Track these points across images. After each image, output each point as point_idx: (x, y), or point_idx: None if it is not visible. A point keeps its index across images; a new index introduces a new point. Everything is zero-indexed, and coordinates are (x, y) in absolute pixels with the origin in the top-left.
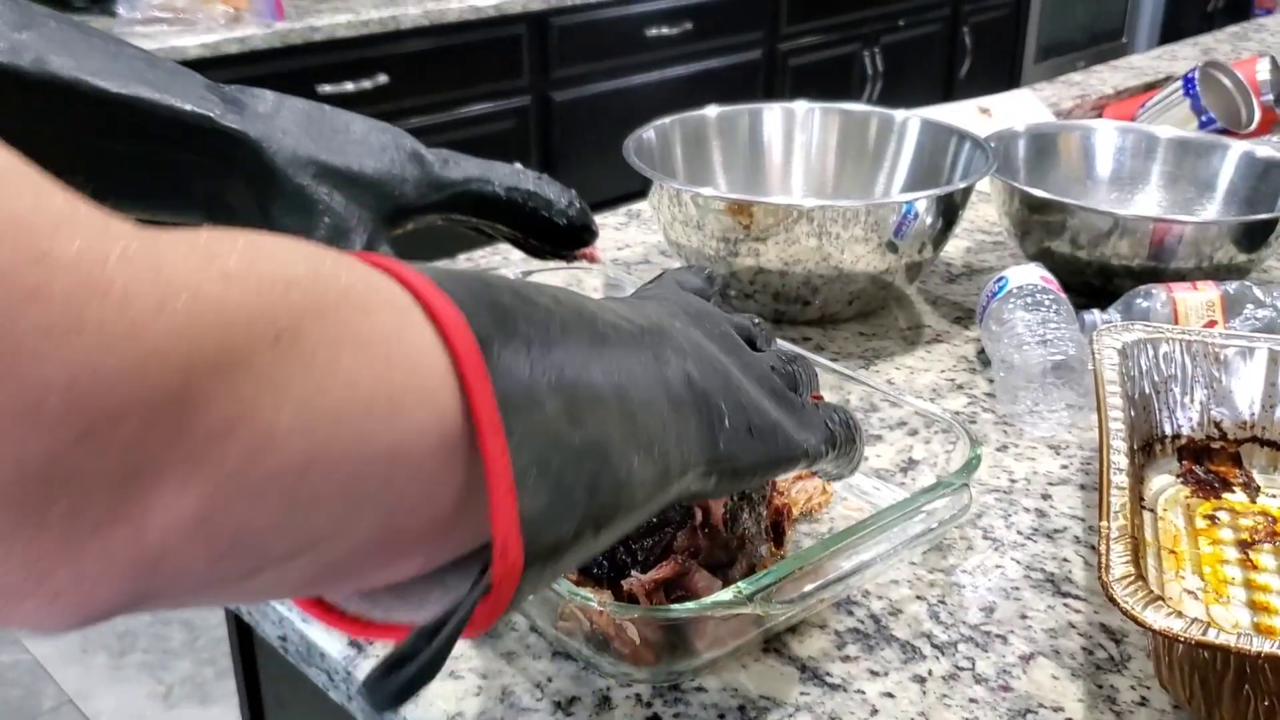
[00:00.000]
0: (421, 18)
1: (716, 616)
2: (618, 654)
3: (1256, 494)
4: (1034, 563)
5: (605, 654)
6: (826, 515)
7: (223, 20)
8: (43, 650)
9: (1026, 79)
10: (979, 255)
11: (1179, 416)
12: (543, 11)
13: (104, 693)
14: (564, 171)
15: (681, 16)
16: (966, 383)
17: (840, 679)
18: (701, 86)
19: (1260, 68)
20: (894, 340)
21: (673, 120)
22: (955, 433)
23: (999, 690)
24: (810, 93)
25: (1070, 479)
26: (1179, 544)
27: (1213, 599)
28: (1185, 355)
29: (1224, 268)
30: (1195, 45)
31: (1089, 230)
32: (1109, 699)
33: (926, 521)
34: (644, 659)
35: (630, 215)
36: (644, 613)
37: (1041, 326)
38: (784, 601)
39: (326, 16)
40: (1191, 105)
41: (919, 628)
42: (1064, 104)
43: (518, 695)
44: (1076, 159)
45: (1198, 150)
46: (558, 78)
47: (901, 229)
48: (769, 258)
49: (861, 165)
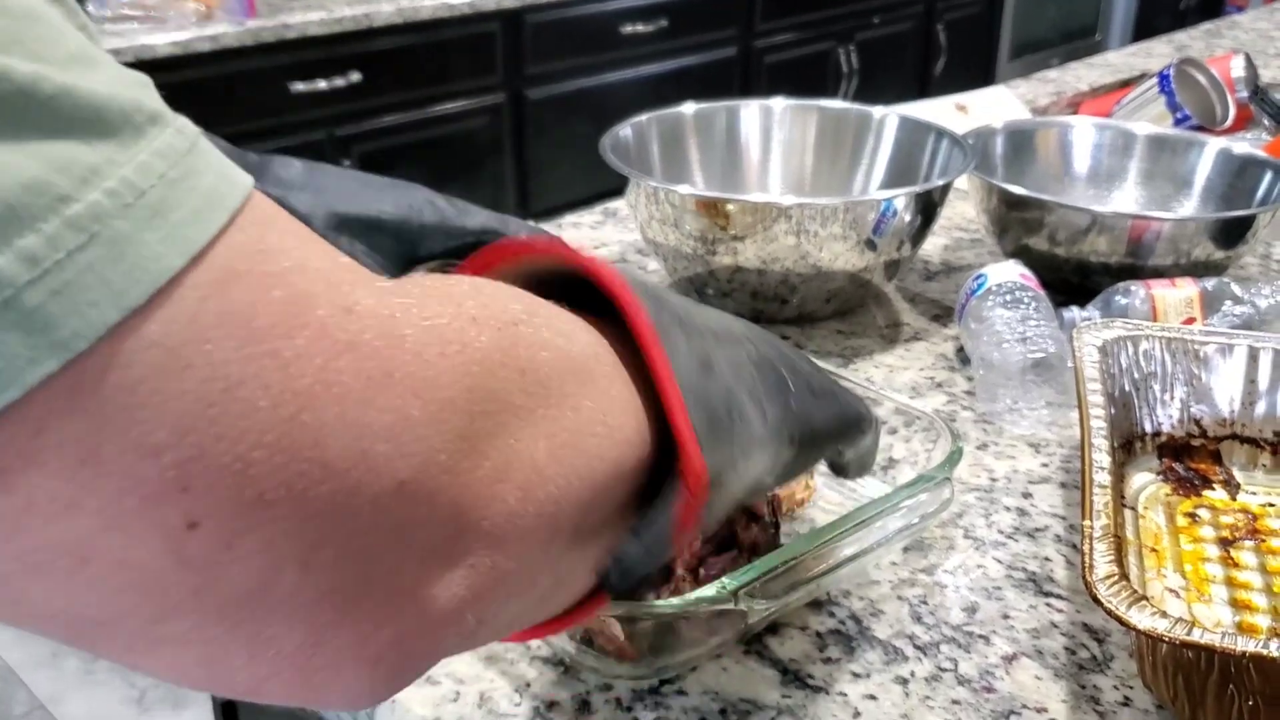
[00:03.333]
0: (395, 15)
1: (700, 612)
2: (601, 651)
3: (1236, 491)
4: (1016, 562)
5: (589, 652)
6: (806, 513)
7: (193, 18)
8: (13, 656)
9: (1001, 76)
10: (957, 253)
11: (1159, 414)
12: (517, 8)
13: (76, 698)
14: (538, 169)
15: (656, 13)
16: (946, 381)
17: (822, 681)
18: (676, 84)
19: (1235, 65)
20: (873, 338)
21: (649, 118)
22: (936, 430)
23: (982, 691)
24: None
25: (1051, 477)
26: (1160, 542)
27: (1195, 597)
28: (1165, 352)
29: (1202, 264)
30: (1169, 42)
31: (1067, 227)
32: (1092, 699)
33: (908, 516)
34: (628, 656)
35: (607, 214)
36: (627, 610)
37: (1021, 324)
38: (768, 597)
39: (299, 14)
40: (1167, 102)
41: (901, 628)
42: (1040, 101)
43: (496, 700)
44: (1054, 156)
45: (1175, 147)
46: (532, 75)
47: (880, 226)
48: (747, 256)
49: (839, 163)
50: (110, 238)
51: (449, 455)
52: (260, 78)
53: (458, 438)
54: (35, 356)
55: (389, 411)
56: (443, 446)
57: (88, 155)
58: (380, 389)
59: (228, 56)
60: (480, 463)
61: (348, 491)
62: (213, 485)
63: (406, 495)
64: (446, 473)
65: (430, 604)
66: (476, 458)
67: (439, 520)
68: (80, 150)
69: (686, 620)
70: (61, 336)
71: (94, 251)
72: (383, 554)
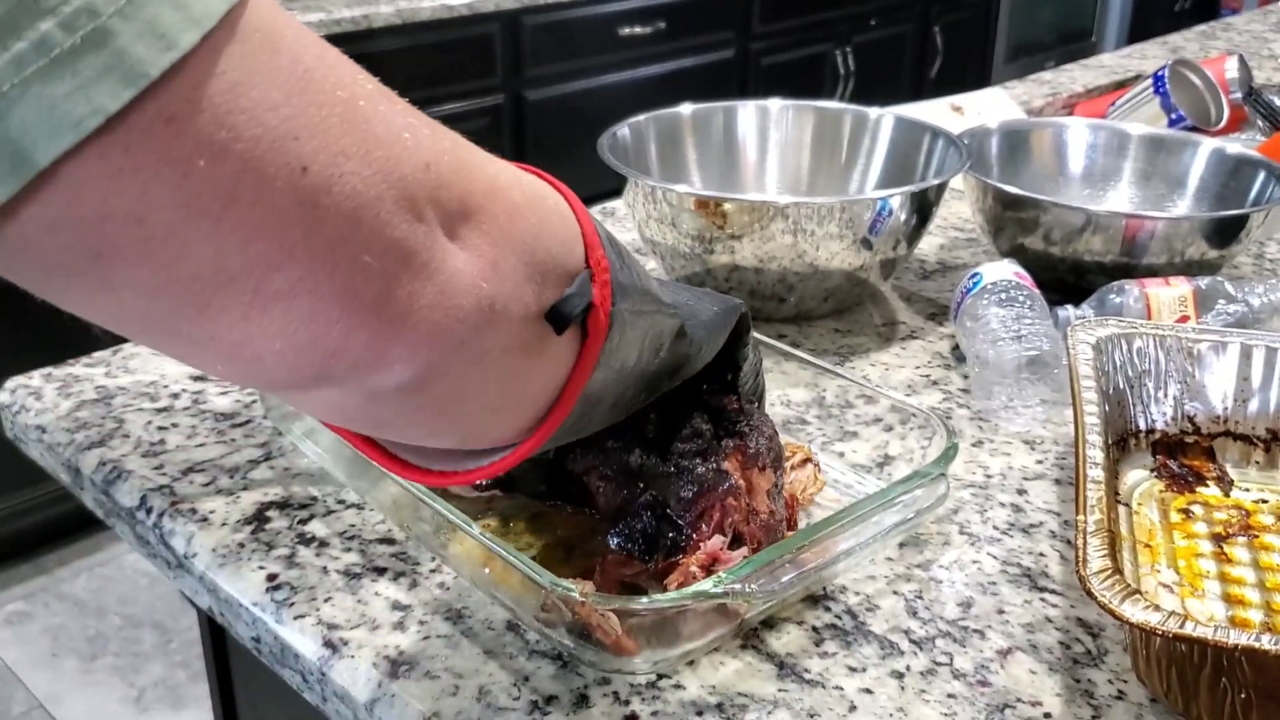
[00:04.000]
0: (394, 16)
1: (697, 606)
2: (600, 645)
3: (1230, 488)
4: (1010, 557)
5: (588, 646)
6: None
7: None
8: (12, 655)
9: (997, 78)
10: (953, 252)
11: (1153, 411)
12: (515, 10)
13: (75, 697)
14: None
15: (654, 16)
16: (941, 379)
17: (818, 675)
18: (674, 86)
19: (1229, 66)
20: (869, 337)
21: (647, 118)
22: (931, 427)
23: (977, 685)
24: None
25: (1045, 474)
26: (1154, 538)
27: (1188, 592)
28: (1159, 350)
29: (1196, 263)
30: (1164, 44)
31: (1062, 226)
32: (1086, 693)
33: (904, 511)
34: (626, 650)
35: (605, 213)
36: (626, 603)
37: (1016, 322)
38: (766, 590)
39: (297, 15)
40: (1161, 103)
41: (896, 623)
42: (1035, 102)
43: (494, 694)
44: (1049, 156)
45: (1169, 147)
46: (531, 77)
47: (876, 226)
48: (744, 255)
49: (836, 162)
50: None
51: (446, 213)
52: None
53: (455, 200)
54: (185, 27)
55: (417, 166)
56: (445, 198)
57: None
58: (413, 152)
59: None
60: (463, 226)
61: (402, 154)
62: (311, 136)
63: (433, 174)
64: (454, 169)
65: (460, 267)
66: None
67: (459, 200)
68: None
69: (684, 614)
70: (196, 15)
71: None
72: (429, 212)
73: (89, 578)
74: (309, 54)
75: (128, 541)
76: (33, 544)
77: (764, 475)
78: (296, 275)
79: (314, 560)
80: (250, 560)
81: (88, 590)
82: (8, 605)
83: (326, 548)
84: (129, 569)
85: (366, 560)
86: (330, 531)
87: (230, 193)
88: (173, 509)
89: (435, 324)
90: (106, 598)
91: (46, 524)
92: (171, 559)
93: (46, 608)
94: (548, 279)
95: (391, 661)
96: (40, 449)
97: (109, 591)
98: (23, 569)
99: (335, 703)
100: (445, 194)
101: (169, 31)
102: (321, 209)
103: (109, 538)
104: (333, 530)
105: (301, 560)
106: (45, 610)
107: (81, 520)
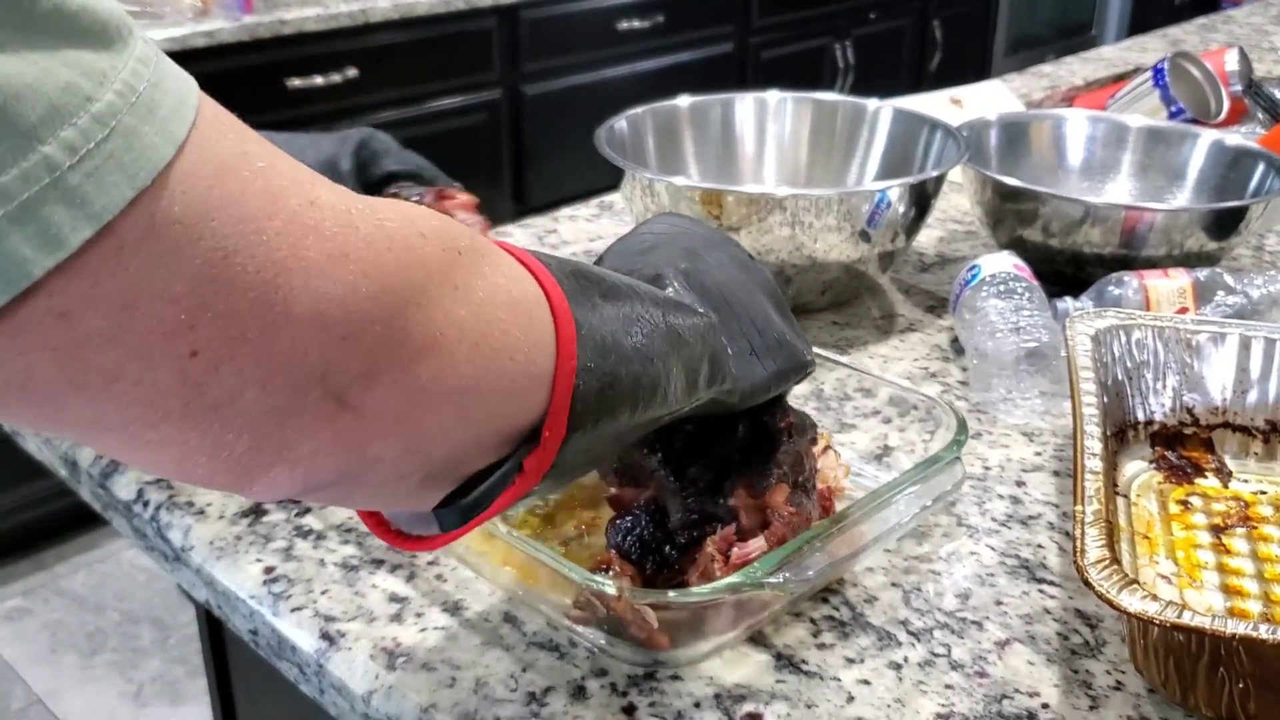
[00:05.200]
0: (391, 11)
1: (732, 599)
2: (634, 640)
3: (1228, 479)
4: (1009, 549)
5: (621, 642)
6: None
7: (190, 14)
8: (11, 650)
9: (996, 72)
10: (951, 244)
11: (1151, 402)
12: (513, 4)
13: (74, 693)
14: (536, 165)
15: (653, 9)
16: (940, 371)
17: (816, 666)
18: (673, 80)
19: (1229, 58)
20: (867, 329)
21: (645, 110)
22: (934, 419)
23: (975, 676)
24: (782, 85)
25: (1044, 465)
26: (1152, 529)
27: (1186, 583)
28: (1158, 341)
29: (1195, 255)
30: (1164, 37)
31: (1061, 218)
32: (1084, 684)
33: (923, 497)
34: (659, 644)
35: (602, 207)
36: (662, 596)
37: (1014, 314)
38: (800, 580)
39: (295, 10)
40: (1161, 96)
41: (895, 614)
42: (1034, 95)
43: (491, 686)
44: (1048, 148)
45: (1168, 139)
46: (528, 71)
47: (874, 218)
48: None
49: (834, 155)
50: (123, 130)
51: (384, 326)
52: (256, 74)
53: (393, 316)
54: (76, 225)
55: (343, 284)
56: (378, 319)
57: (99, 61)
58: (337, 266)
59: (224, 52)
60: (407, 337)
61: (303, 339)
62: (210, 324)
63: (346, 348)
64: (379, 339)
65: (344, 430)
66: (403, 331)
67: (365, 371)
68: (94, 57)
69: (715, 607)
70: (95, 209)
71: (114, 142)
72: (316, 387)
73: (88, 574)
74: (245, 228)
75: (125, 534)
76: (31, 540)
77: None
78: (170, 433)
79: (311, 552)
80: (247, 553)
81: (86, 586)
82: (7, 601)
83: (323, 540)
84: (127, 565)
85: (364, 552)
86: (327, 524)
87: (113, 373)
88: (170, 502)
89: (308, 469)
90: (105, 594)
91: (45, 520)
92: (169, 552)
93: (45, 603)
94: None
95: (389, 653)
96: (38, 442)
97: (108, 587)
98: (21, 565)
99: (333, 695)
100: (356, 364)
101: (60, 231)
102: (205, 386)
103: (108, 534)
104: (329, 523)
105: (299, 553)
106: (44, 606)
107: (80, 516)
